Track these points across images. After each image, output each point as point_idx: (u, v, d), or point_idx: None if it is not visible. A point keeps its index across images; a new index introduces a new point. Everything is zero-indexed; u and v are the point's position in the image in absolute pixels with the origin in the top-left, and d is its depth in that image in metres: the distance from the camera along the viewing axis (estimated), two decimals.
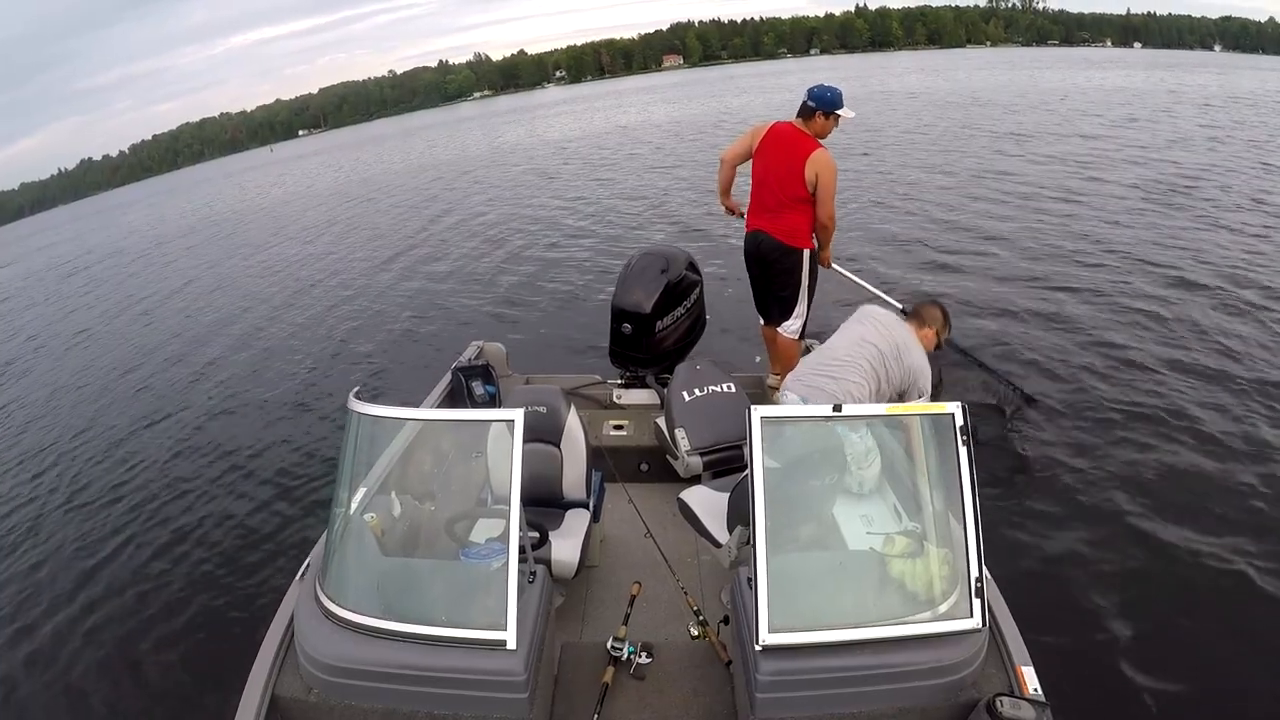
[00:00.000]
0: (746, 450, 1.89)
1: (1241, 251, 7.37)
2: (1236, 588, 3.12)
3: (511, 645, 1.77)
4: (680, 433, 3.21)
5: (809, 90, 3.74)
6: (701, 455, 3.15)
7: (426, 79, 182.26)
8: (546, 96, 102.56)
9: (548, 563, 2.37)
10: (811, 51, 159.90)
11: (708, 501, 2.71)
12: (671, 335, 4.15)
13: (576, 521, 2.70)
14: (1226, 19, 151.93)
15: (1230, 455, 4.01)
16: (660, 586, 2.72)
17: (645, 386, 4.12)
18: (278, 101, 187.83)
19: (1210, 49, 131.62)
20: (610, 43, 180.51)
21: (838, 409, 1.88)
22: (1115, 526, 3.56)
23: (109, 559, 4.34)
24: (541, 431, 2.77)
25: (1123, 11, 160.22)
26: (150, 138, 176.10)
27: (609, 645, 2.20)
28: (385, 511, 2.29)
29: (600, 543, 3.08)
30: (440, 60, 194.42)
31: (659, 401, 3.88)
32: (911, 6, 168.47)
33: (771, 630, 1.75)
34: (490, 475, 2.39)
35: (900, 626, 1.79)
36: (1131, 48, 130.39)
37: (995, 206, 10.09)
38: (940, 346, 3.20)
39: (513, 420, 1.91)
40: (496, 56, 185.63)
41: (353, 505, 2.17)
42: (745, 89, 46.67)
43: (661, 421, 3.44)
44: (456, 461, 2.52)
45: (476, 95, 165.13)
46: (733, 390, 3.42)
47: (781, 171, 3.73)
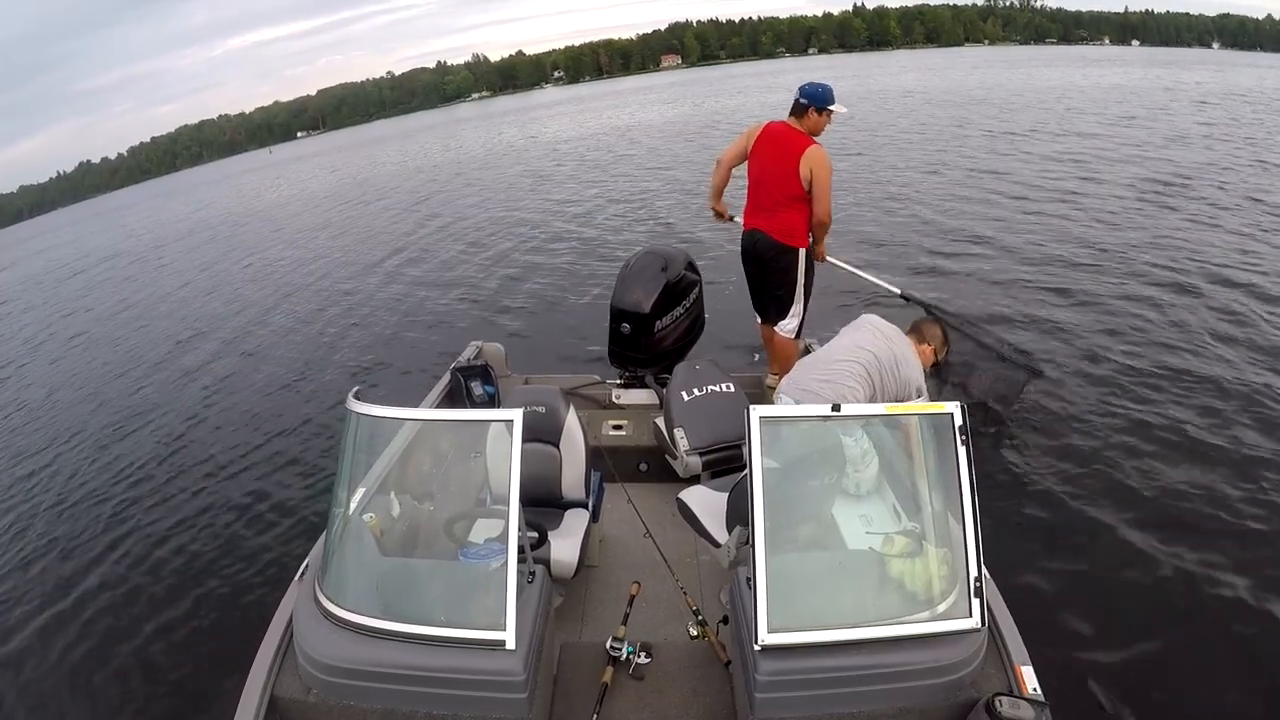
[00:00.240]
0: (745, 450, 1.89)
1: (1237, 251, 7.37)
2: (1236, 588, 3.11)
3: (510, 645, 1.77)
4: (679, 433, 3.20)
5: (800, 88, 3.77)
6: (700, 455, 3.15)
7: (425, 80, 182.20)
8: (545, 97, 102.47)
9: (547, 563, 2.37)
10: (809, 51, 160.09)
11: (707, 501, 2.71)
12: (670, 335, 4.15)
13: (575, 521, 2.70)
14: (1224, 16, 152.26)
15: (1231, 456, 4.00)
16: (659, 586, 2.71)
17: (644, 386, 4.12)
18: (276, 103, 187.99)
19: (1209, 46, 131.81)
20: (608, 43, 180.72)
21: (836, 408, 1.87)
22: (1115, 526, 3.56)
23: (107, 560, 4.34)
24: (540, 431, 2.77)
25: (1120, 9, 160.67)
26: (149, 140, 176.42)
27: (608, 645, 2.19)
28: (384, 512, 2.29)
29: (599, 543, 3.08)
30: (439, 61, 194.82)
31: (658, 401, 3.87)
32: (909, 5, 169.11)
33: (770, 630, 1.75)
34: (489, 475, 2.39)
35: (899, 626, 1.79)
36: (1130, 45, 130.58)
37: (989, 208, 10.07)
38: (938, 364, 3.17)
39: (512, 420, 1.91)
40: (495, 57, 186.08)
41: (352, 505, 2.16)
42: (743, 89, 46.64)
43: (660, 421, 3.43)
44: (455, 462, 2.52)
45: (475, 96, 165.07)
46: (732, 390, 3.41)
47: (777, 170, 3.74)
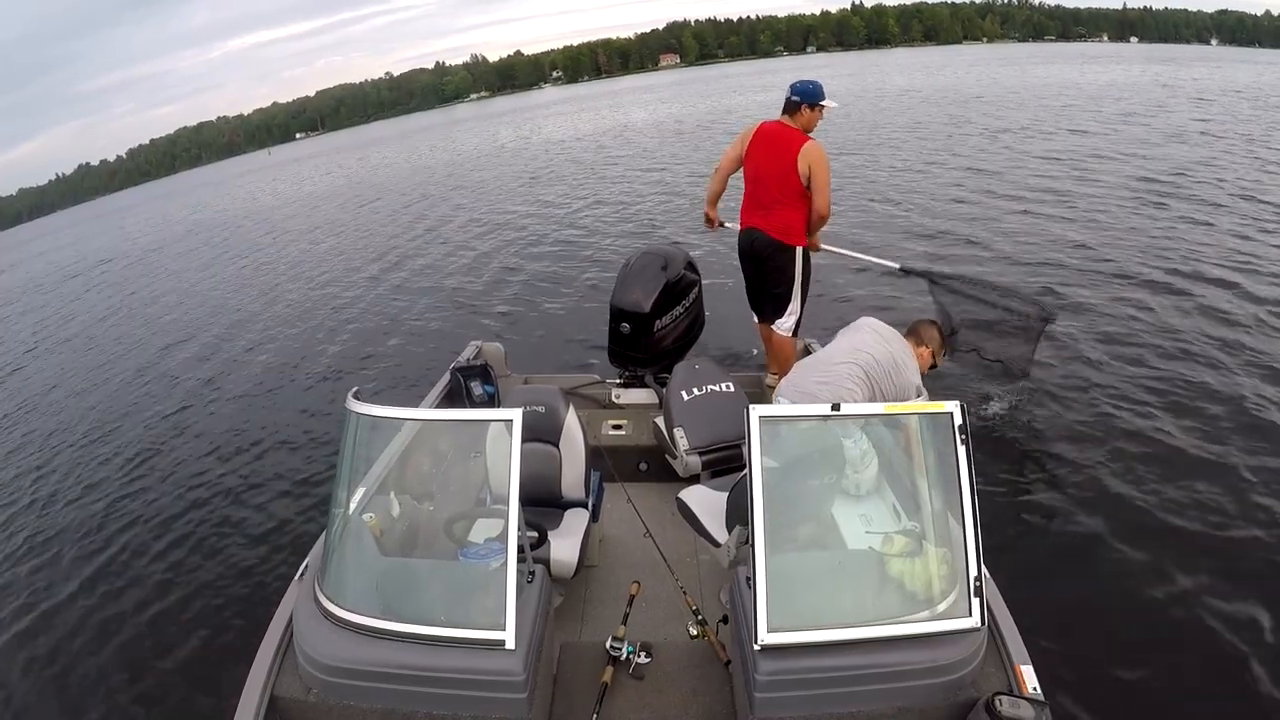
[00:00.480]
0: (745, 450, 1.89)
1: (1237, 250, 7.37)
2: (1237, 587, 3.11)
3: (510, 645, 1.77)
4: (679, 432, 3.20)
5: (791, 85, 3.80)
6: (700, 455, 3.15)
7: (423, 81, 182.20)
8: (543, 97, 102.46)
9: (546, 562, 2.37)
10: (808, 49, 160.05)
11: (706, 501, 2.70)
12: (670, 334, 4.15)
13: (575, 521, 2.70)
14: (1223, 13, 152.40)
15: (1232, 457, 3.99)
16: (659, 586, 2.71)
17: (644, 386, 4.12)
18: (275, 104, 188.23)
19: (1207, 42, 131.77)
20: (607, 42, 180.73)
21: (836, 408, 1.87)
22: (1115, 526, 3.55)
23: (106, 560, 4.34)
24: (540, 431, 2.77)
25: (1119, 6, 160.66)
26: (148, 141, 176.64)
27: (608, 645, 2.19)
28: (384, 511, 2.28)
29: (599, 542, 3.08)
30: (437, 62, 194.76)
31: (658, 401, 3.87)
32: (907, 4, 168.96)
33: (770, 630, 1.74)
34: (489, 475, 2.38)
35: (899, 626, 1.79)
36: (1128, 42, 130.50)
37: (984, 209, 10.04)
38: (935, 367, 3.17)
39: (511, 420, 1.90)
40: (493, 57, 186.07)
41: (351, 505, 2.16)
42: (742, 87, 46.62)
43: (660, 421, 3.43)
44: (455, 461, 2.51)
45: (473, 96, 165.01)
46: (731, 389, 3.41)
47: (775, 168, 3.74)
